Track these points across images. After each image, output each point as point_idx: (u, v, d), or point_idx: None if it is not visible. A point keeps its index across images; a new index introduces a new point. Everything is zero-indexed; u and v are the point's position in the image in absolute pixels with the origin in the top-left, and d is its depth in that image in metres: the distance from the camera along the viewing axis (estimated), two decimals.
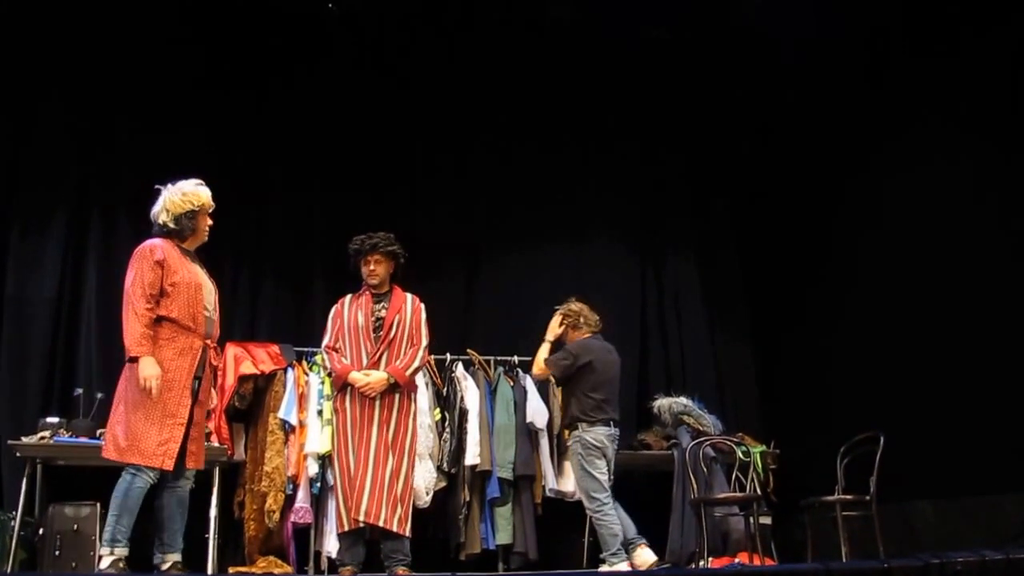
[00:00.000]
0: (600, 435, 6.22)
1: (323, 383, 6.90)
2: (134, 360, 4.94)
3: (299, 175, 8.30)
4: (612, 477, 6.44)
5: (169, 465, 4.93)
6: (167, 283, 5.06)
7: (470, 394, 7.28)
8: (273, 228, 8.12)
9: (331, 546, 6.60)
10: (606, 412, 6.32)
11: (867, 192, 7.95)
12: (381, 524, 5.59)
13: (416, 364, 5.84)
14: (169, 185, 5.30)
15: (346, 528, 5.65)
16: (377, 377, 5.70)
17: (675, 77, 9.25)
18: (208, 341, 5.19)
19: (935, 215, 7.32)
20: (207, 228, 5.33)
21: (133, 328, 4.96)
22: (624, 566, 6.01)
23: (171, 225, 5.20)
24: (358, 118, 8.44)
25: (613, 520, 6.06)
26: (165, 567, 5.10)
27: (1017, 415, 6.51)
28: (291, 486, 6.71)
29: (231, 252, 7.75)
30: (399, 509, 5.64)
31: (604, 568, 6.07)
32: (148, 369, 4.90)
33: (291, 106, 8.32)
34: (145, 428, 4.91)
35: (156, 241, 5.20)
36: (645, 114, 9.20)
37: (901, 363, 7.42)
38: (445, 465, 7.03)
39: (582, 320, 6.60)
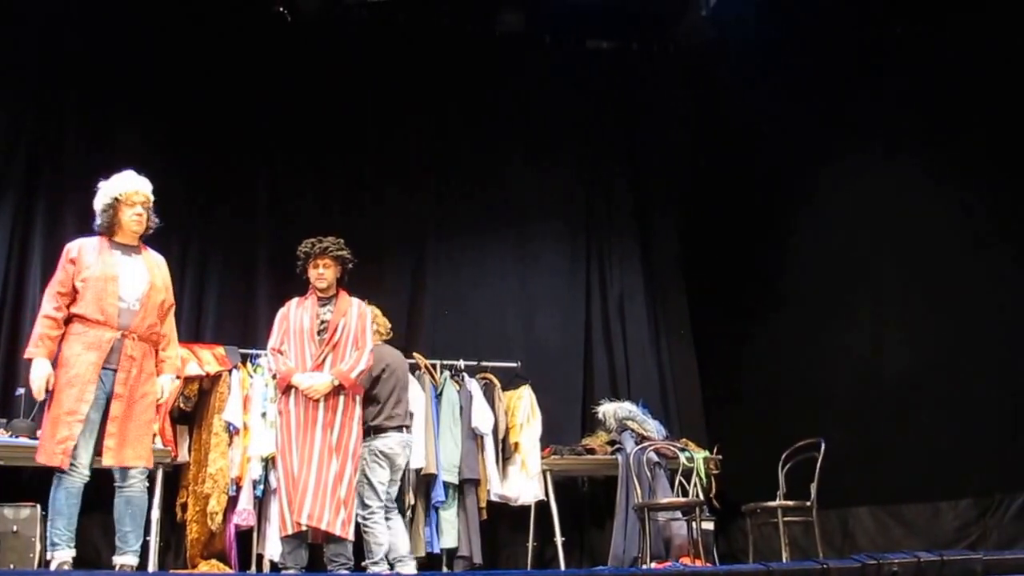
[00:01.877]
0: (392, 443, 6.13)
1: (267, 385, 6.85)
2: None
3: (246, 178, 8.24)
4: (399, 483, 6.39)
5: (66, 463, 4.85)
6: (78, 280, 5.06)
7: (416, 398, 7.25)
8: (219, 230, 8.04)
9: (273, 549, 6.54)
10: (400, 419, 6.29)
11: (808, 202, 8.08)
12: (324, 527, 5.55)
13: (361, 367, 5.82)
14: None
15: (289, 531, 5.60)
16: (321, 380, 5.67)
17: (622, 87, 9.36)
18: (126, 332, 5.07)
19: (874, 225, 7.46)
20: (135, 218, 5.22)
21: (35, 330, 5.04)
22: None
23: (98, 221, 5.23)
24: (306, 122, 8.40)
25: (381, 530, 5.95)
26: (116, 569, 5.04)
27: (953, 425, 6.65)
28: (234, 488, 6.65)
29: (176, 254, 7.64)
30: (342, 512, 5.60)
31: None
32: (34, 371, 4.95)
33: (239, 109, 8.25)
34: (49, 427, 4.91)
35: (79, 240, 5.24)
36: (591, 123, 9.30)
37: (842, 372, 7.54)
38: None
39: (374, 327, 6.45)
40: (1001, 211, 6.54)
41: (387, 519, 6.06)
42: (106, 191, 5.22)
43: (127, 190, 5.22)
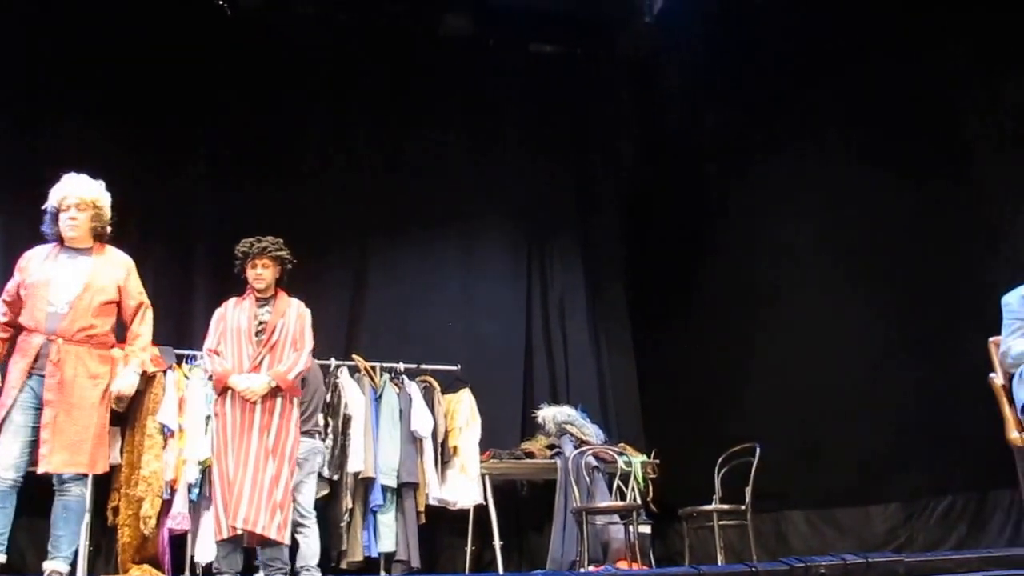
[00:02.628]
0: (303, 448, 6.13)
1: (205, 386, 6.78)
2: None
3: (182, 177, 8.11)
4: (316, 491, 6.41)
5: None
6: (22, 288, 5.14)
7: (355, 400, 7.23)
8: (154, 229, 7.90)
9: (206, 553, 6.48)
10: (315, 424, 6.30)
11: (746, 209, 8.19)
12: (259, 531, 5.50)
13: (299, 369, 5.77)
14: None
15: (224, 535, 5.54)
16: (258, 381, 5.61)
17: (566, 91, 9.40)
18: (52, 337, 5.03)
19: (809, 232, 7.60)
20: (69, 223, 5.22)
21: None
22: None
23: (45, 227, 5.28)
24: (246, 118, 8.31)
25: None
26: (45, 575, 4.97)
27: (883, 431, 6.79)
28: (168, 492, 6.56)
29: None
30: (278, 516, 5.54)
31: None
32: None
33: (177, 103, 8.12)
34: None
35: (34, 248, 5.29)
36: (535, 127, 9.32)
37: (777, 379, 7.65)
38: (327, 471, 6.96)
39: None
40: (928, 221, 6.70)
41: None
42: (50, 196, 5.23)
43: (59, 195, 5.23)
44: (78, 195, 5.25)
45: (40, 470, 4.92)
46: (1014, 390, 4.70)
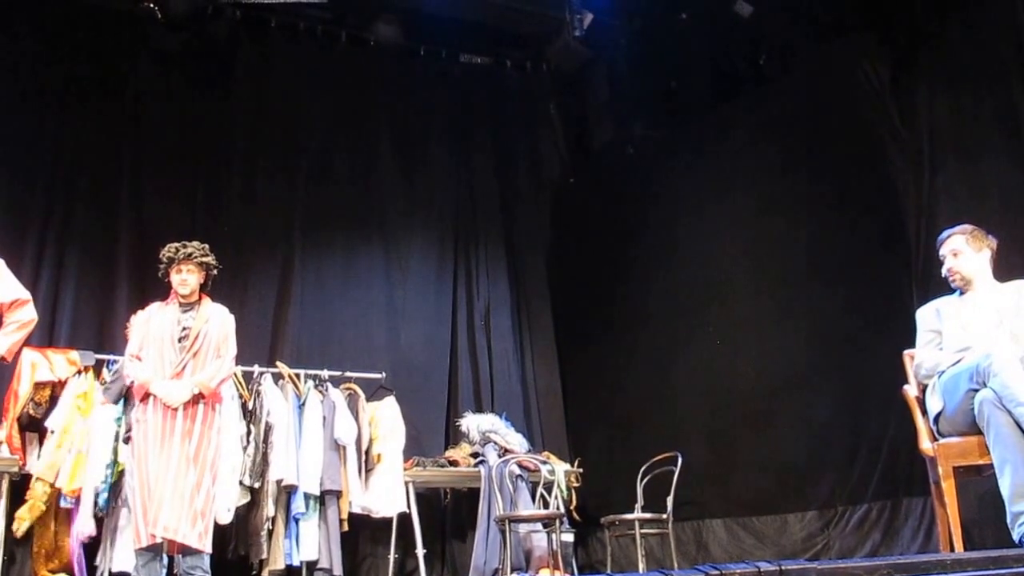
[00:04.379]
0: None
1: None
2: None
3: (107, 179, 7.96)
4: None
5: None
6: None
7: (277, 408, 7.15)
8: (76, 232, 7.76)
9: (119, 561, 6.35)
10: None
11: (669, 224, 8.34)
12: (180, 539, 5.42)
13: (222, 375, 5.72)
14: None
15: (144, 543, 5.45)
16: (180, 387, 5.55)
17: (494, 101, 9.50)
18: None
19: (729, 248, 7.77)
20: None
21: None
22: None
23: None
24: (171, 123, 8.22)
25: None
26: None
27: (801, 441, 6.95)
28: (68, 500, 6.40)
29: (32, 255, 7.40)
30: (199, 523, 5.47)
31: None
32: None
33: (103, 108, 8.00)
34: None
35: None
36: (463, 136, 9.39)
37: (698, 390, 7.79)
38: (248, 479, 6.89)
39: None
40: (846, 234, 6.89)
41: None
42: None
43: None
44: None
45: None
46: (927, 401, 4.83)
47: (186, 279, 5.75)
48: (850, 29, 7.01)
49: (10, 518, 6.32)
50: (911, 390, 4.98)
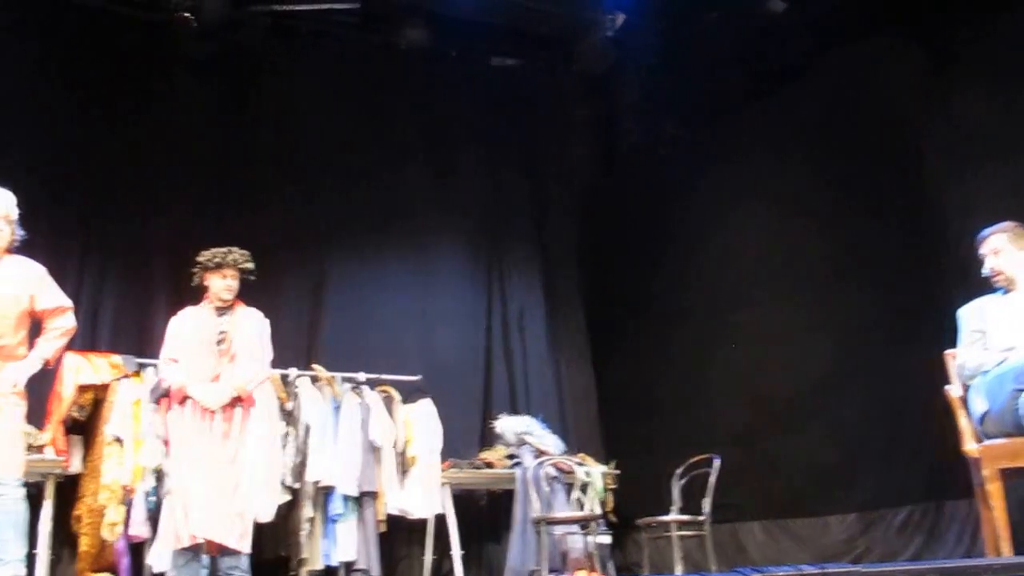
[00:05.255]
0: None
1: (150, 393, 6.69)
2: None
3: (142, 187, 8.01)
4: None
5: None
6: None
7: (315, 409, 7.19)
8: (116, 238, 7.85)
9: (161, 562, 6.40)
10: None
11: (702, 223, 8.31)
12: (218, 540, 5.47)
13: (259, 378, 5.77)
14: None
15: (182, 544, 5.50)
16: (219, 390, 5.59)
17: (525, 104, 9.47)
18: None
19: (762, 247, 7.72)
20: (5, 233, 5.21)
21: None
22: None
23: None
24: (202, 131, 8.27)
25: None
26: None
27: (840, 441, 6.89)
28: (128, 500, 6.48)
29: (74, 262, 7.49)
30: (237, 524, 5.52)
31: None
32: None
33: (138, 115, 8.07)
34: None
35: None
36: (494, 138, 9.38)
37: (734, 390, 7.75)
38: (287, 480, 6.93)
39: None
40: (881, 233, 6.84)
41: None
42: None
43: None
44: (3, 208, 5.24)
45: None
46: (970, 402, 4.79)
47: (231, 285, 5.79)
48: (883, 26, 6.95)
49: (57, 519, 6.41)
50: (954, 390, 4.94)
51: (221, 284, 5.79)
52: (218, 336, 5.74)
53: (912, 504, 6.41)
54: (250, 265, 5.84)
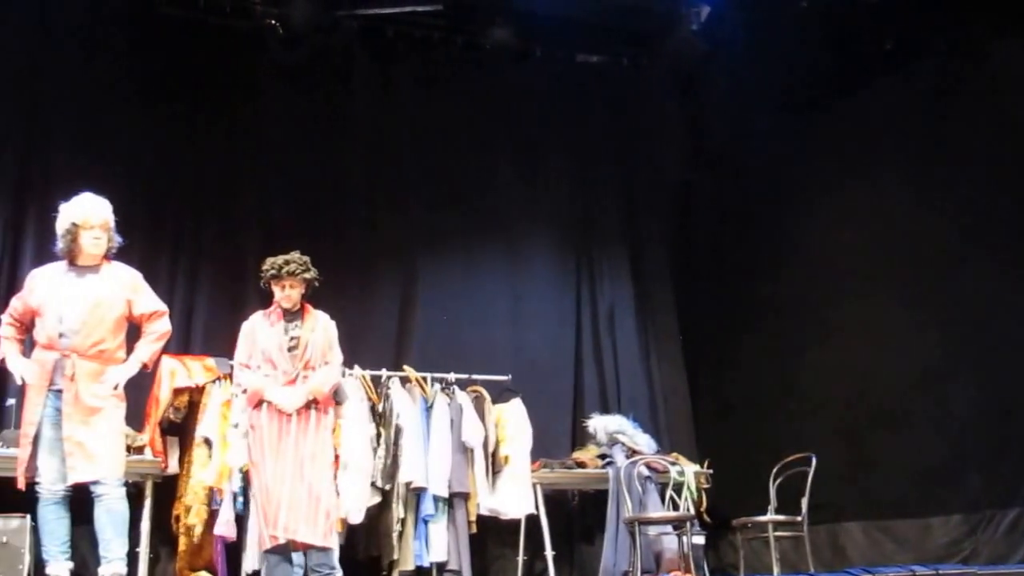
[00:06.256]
0: None
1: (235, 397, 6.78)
2: None
3: (233, 192, 8.15)
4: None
5: (21, 483, 5.18)
6: (34, 306, 5.31)
7: (406, 411, 7.22)
8: (208, 242, 7.99)
9: (252, 562, 6.49)
10: None
11: (798, 216, 8.17)
12: (301, 539, 5.50)
13: (332, 380, 5.83)
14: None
15: (267, 545, 5.56)
16: (295, 394, 5.65)
17: (612, 100, 9.41)
18: (66, 353, 5.20)
19: (862, 239, 7.53)
20: (94, 242, 5.34)
21: None
22: None
23: (59, 245, 5.38)
24: (294, 132, 8.36)
25: None
26: None
27: (943, 441, 6.68)
28: (217, 500, 6.59)
29: (166, 266, 7.64)
30: (320, 522, 5.55)
31: None
32: (9, 364, 5.35)
33: (228, 122, 8.20)
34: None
35: (39, 268, 5.52)
36: (581, 136, 9.31)
37: (832, 387, 7.58)
38: (379, 481, 6.96)
39: None
40: (983, 227, 6.60)
41: None
42: (65, 216, 5.33)
43: (85, 215, 5.33)
44: (103, 215, 5.39)
45: (70, 481, 5.12)
46: None
47: (289, 294, 5.85)
48: (984, 6, 6.70)
49: (156, 518, 6.55)
50: None
51: (281, 294, 5.86)
52: (290, 342, 5.79)
53: (1021, 505, 6.16)
54: (309, 274, 5.85)
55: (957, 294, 6.75)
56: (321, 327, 5.90)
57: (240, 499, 6.57)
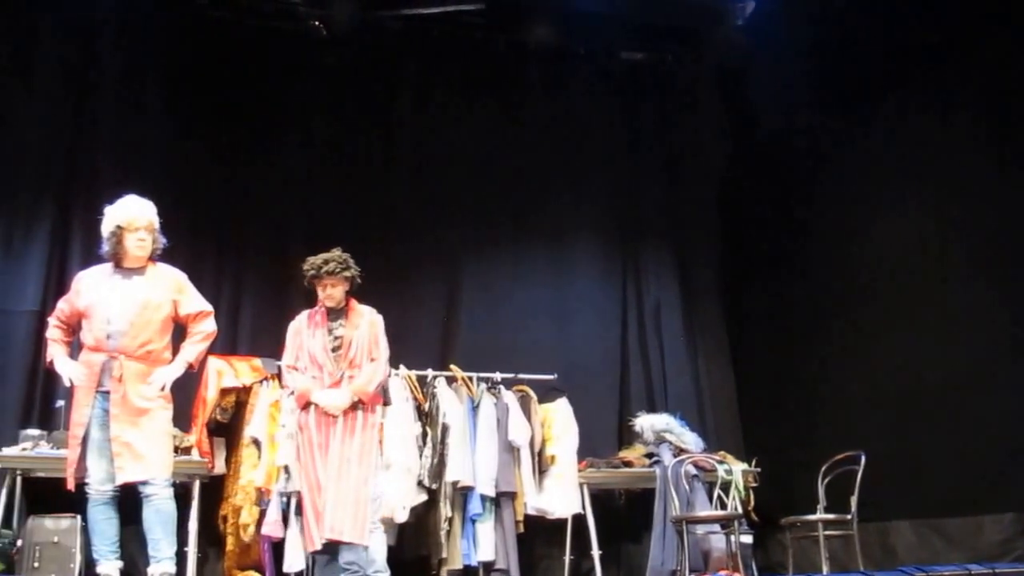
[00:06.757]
0: None
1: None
2: None
3: (276, 193, 8.21)
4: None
5: (71, 484, 5.24)
6: (81, 308, 5.37)
7: (452, 410, 7.25)
8: (253, 242, 8.07)
9: (297, 562, 6.54)
10: None
11: (846, 214, 8.06)
12: (346, 539, 5.48)
13: (378, 379, 5.81)
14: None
15: (315, 547, 5.58)
16: (340, 395, 5.66)
17: (656, 98, 9.40)
18: (114, 355, 5.26)
19: (911, 237, 7.43)
20: (139, 244, 5.39)
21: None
22: None
23: (104, 248, 5.44)
24: (338, 132, 8.45)
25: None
26: None
27: (994, 438, 6.58)
28: (265, 500, 6.64)
29: (212, 268, 7.73)
30: (361, 520, 5.51)
31: None
32: (57, 366, 5.41)
33: (273, 122, 8.29)
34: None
35: (86, 270, 5.60)
36: (626, 134, 9.30)
37: (881, 385, 7.49)
38: (426, 480, 7.00)
39: None
40: None
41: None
42: (110, 218, 5.40)
43: (130, 218, 5.39)
44: (148, 217, 5.46)
45: (119, 482, 5.18)
46: None
47: (331, 294, 5.87)
48: None
49: (204, 518, 6.64)
50: None
51: (323, 293, 5.89)
52: (334, 342, 5.81)
53: None
54: (349, 272, 5.85)
55: (1008, 292, 6.65)
56: (366, 323, 5.90)
57: (285, 499, 6.63)
